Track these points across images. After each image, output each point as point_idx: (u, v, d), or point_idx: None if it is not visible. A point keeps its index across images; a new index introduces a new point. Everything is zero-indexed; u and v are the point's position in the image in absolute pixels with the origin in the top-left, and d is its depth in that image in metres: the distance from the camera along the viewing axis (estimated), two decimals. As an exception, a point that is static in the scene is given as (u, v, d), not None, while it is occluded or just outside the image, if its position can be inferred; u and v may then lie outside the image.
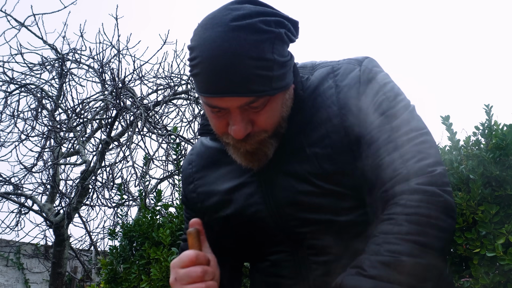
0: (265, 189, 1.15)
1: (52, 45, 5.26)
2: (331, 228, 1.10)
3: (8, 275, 6.88)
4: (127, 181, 5.25)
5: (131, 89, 5.05)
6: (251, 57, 1.00)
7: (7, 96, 5.29)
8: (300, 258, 1.14)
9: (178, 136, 4.84)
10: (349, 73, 1.14)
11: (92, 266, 5.95)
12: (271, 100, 1.06)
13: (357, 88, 1.12)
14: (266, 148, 1.11)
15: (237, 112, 1.05)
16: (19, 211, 5.48)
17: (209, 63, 1.01)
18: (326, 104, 1.13)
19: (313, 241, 1.12)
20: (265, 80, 1.02)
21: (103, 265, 2.78)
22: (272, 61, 1.02)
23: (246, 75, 1.00)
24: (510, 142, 1.94)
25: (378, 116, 1.09)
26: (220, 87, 1.01)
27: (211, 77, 1.01)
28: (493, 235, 1.83)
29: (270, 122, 1.09)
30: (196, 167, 1.30)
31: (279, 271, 1.17)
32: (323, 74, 1.17)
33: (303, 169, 1.11)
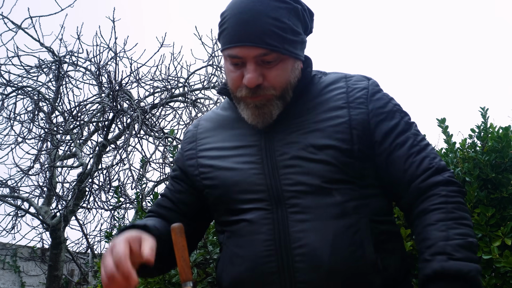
0: (265, 151, 1.29)
1: (49, 47, 5.26)
2: (317, 191, 1.22)
3: (4, 278, 6.86)
4: (124, 183, 5.25)
5: (128, 92, 5.04)
6: (270, 17, 1.23)
7: (4, 99, 5.29)
8: (280, 216, 1.22)
9: (175, 138, 4.84)
10: (360, 81, 1.34)
11: (89, 269, 5.94)
12: (282, 60, 1.25)
13: (366, 93, 1.32)
14: (271, 107, 1.28)
15: (252, 62, 1.24)
16: (16, 213, 5.46)
17: (235, 18, 1.25)
18: (336, 98, 1.31)
19: (297, 200, 1.22)
20: (279, 38, 1.23)
21: (99, 268, 2.77)
22: (287, 25, 1.25)
23: (264, 29, 1.22)
24: (505, 145, 1.94)
25: (397, 123, 1.30)
26: (241, 37, 1.23)
27: (235, 28, 1.24)
28: (489, 237, 1.83)
29: (279, 81, 1.27)
30: (202, 129, 1.44)
31: (256, 229, 1.24)
32: (337, 77, 1.37)
33: (303, 139, 1.26)
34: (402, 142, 1.28)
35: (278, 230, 1.21)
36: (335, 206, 1.21)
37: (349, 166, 1.24)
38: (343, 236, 1.19)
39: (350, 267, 1.18)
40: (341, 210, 1.21)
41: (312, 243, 1.18)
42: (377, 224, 1.24)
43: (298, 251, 1.18)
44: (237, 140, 1.34)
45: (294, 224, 1.21)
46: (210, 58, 5.18)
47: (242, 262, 1.24)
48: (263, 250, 1.21)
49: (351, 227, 1.20)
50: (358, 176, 1.26)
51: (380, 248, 1.22)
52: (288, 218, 1.22)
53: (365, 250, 1.19)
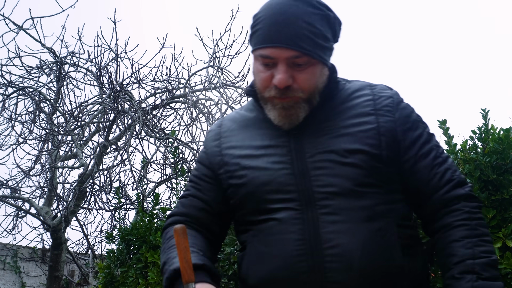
0: (295, 153, 1.31)
1: (50, 48, 5.26)
2: (348, 194, 1.24)
3: (5, 278, 6.86)
4: (124, 184, 5.25)
5: (129, 93, 5.05)
6: (304, 21, 1.27)
7: (5, 99, 5.29)
8: (310, 216, 1.24)
9: (176, 139, 4.84)
10: (385, 90, 1.38)
11: (89, 270, 5.94)
12: (312, 65, 1.29)
13: (392, 101, 1.35)
14: (298, 109, 1.30)
15: (283, 63, 1.27)
16: (17, 214, 5.46)
17: (269, 19, 1.28)
18: (363, 104, 1.34)
19: (328, 201, 1.24)
20: (311, 42, 1.27)
21: (100, 269, 2.78)
22: (319, 31, 1.28)
23: (298, 33, 1.26)
24: (506, 147, 1.94)
25: (421, 133, 1.34)
26: (275, 38, 1.26)
27: (270, 29, 1.28)
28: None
29: (308, 84, 1.29)
30: (226, 128, 1.45)
31: (287, 228, 1.25)
32: (362, 84, 1.40)
33: (332, 142, 1.29)
34: (426, 152, 1.32)
35: (308, 230, 1.23)
36: (365, 209, 1.24)
37: (378, 170, 1.27)
38: (373, 239, 1.21)
39: (380, 269, 1.20)
40: (371, 213, 1.24)
41: (343, 244, 1.20)
42: (403, 229, 1.27)
43: (329, 252, 1.20)
44: (265, 139, 1.36)
45: (325, 225, 1.23)
46: (211, 59, 5.18)
47: (271, 261, 1.26)
48: (294, 249, 1.23)
49: (380, 230, 1.23)
50: (386, 181, 1.29)
51: (406, 251, 1.25)
52: (319, 219, 1.24)
53: (393, 253, 1.22)
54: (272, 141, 1.35)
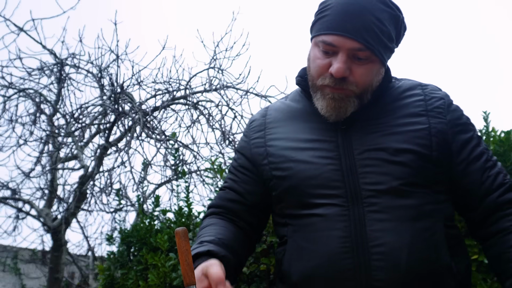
0: (343, 149, 1.29)
1: (51, 50, 5.26)
2: (395, 192, 1.23)
3: (5, 280, 6.86)
4: (125, 186, 5.24)
5: (129, 94, 5.04)
6: (374, 16, 1.26)
7: (6, 101, 5.28)
8: (356, 213, 1.23)
9: (176, 141, 4.84)
10: (436, 91, 1.37)
11: (90, 272, 5.93)
12: (371, 61, 1.29)
13: (443, 103, 1.34)
14: (348, 102, 1.29)
15: (345, 53, 1.26)
16: (17, 216, 5.45)
17: (340, 7, 1.27)
18: (414, 104, 1.33)
19: (375, 199, 1.23)
20: (376, 38, 1.26)
21: (100, 271, 2.77)
22: (386, 29, 1.29)
23: (366, 26, 1.25)
24: (507, 149, 1.94)
25: (472, 136, 1.34)
26: (342, 27, 1.26)
27: (338, 17, 1.27)
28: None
29: (364, 79, 1.29)
30: (271, 118, 1.43)
31: (332, 225, 1.24)
32: (413, 84, 1.40)
33: (382, 141, 1.28)
34: (478, 155, 1.31)
35: (354, 227, 1.22)
36: (413, 209, 1.23)
37: (426, 171, 1.27)
38: (420, 238, 1.20)
39: (427, 269, 1.19)
40: (418, 213, 1.22)
41: (390, 242, 1.19)
42: (449, 229, 1.27)
43: (375, 250, 1.19)
44: (312, 133, 1.34)
45: (371, 223, 1.22)
46: (211, 61, 5.18)
47: (315, 258, 1.24)
48: (339, 246, 1.22)
49: (427, 230, 1.22)
50: (433, 181, 1.28)
51: (453, 252, 1.24)
52: (365, 216, 1.22)
53: (440, 253, 1.21)
54: (320, 135, 1.33)
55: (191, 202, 2.70)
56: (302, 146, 1.33)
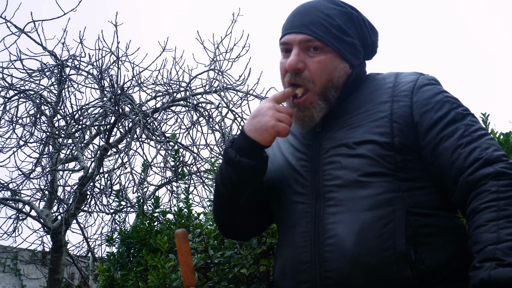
0: (315, 150, 1.34)
1: (52, 51, 5.27)
2: (352, 185, 1.25)
3: (5, 281, 6.86)
4: (125, 187, 5.25)
5: (130, 96, 5.05)
6: (322, 12, 1.33)
7: (6, 102, 5.29)
8: (317, 209, 1.27)
9: (176, 142, 4.85)
10: (408, 76, 1.34)
11: (89, 273, 5.93)
12: (325, 53, 1.32)
13: (412, 86, 1.30)
14: (313, 109, 1.33)
15: (297, 47, 1.33)
16: (17, 217, 5.46)
17: (292, 12, 1.40)
18: (382, 93, 1.32)
19: (333, 194, 1.26)
20: (325, 29, 1.32)
21: (100, 272, 2.78)
22: (336, 22, 1.33)
23: (313, 20, 1.32)
24: (507, 151, 1.95)
25: (445, 114, 1.25)
26: (292, 25, 1.36)
27: (289, 19, 1.38)
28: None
29: (319, 74, 1.32)
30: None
31: (297, 222, 1.30)
32: (390, 74, 1.39)
33: (345, 136, 1.30)
34: (450, 133, 1.23)
35: (314, 222, 1.27)
36: (368, 198, 1.23)
37: (388, 159, 1.25)
38: (371, 227, 1.20)
39: (376, 257, 1.19)
40: (373, 202, 1.22)
41: (340, 233, 1.22)
42: (419, 217, 1.22)
43: (327, 242, 1.23)
44: (300, 138, 1.41)
45: (327, 217, 1.25)
46: (211, 62, 5.19)
47: (284, 253, 1.33)
48: (300, 241, 1.28)
49: (381, 218, 1.21)
50: (399, 169, 1.24)
51: (419, 240, 1.20)
52: (324, 211, 1.26)
53: (395, 241, 1.18)
54: (302, 139, 1.40)
55: (191, 204, 2.71)
56: (284, 152, 1.42)
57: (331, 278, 1.21)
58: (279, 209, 1.40)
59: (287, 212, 1.35)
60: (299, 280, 1.26)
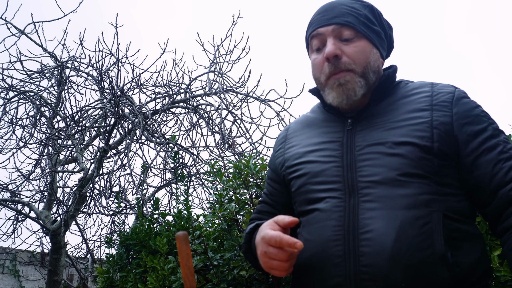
0: (346, 147, 1.35)
1: (52, 52, 5.28)
2: (390, 182, 1.26)
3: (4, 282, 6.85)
4: (124, 189, 5.25)
5: (129, 97, 5.05)
6: (346, 5, 1.42)
7: (6, 103, 5.29)
8: (352, 204, 1.27)
9: (176, 144, 4.85)
10: (446, 87, 1.38)
11: (89, 274, 5.93)
12: (359, 39, 1.39)
13: (452, 96, 1.34)
14: (355, 83, 1.37)
15: (331, 37, 1.39)
16: (16, 218, 5.46)
17: (317, 11, 1.46)
18: (420, 100, 1.35)
19: (370, 190, 1.27)
20: (354, 18, 1.39)
21: (99, 273, 2.78)
22: (362, 12, 1.41)
23: (341, 12, 1.40)
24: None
25: (486, 127, 1.30)
26: (321, 21, 1.42)
27: (316, 17, 1.44)
28: (490, 246, 1.83)
29: (357, 56, 1.37)
30: (292, 130, 1.56)
31: (328, 216, 1.29)
32: (424, 83, 1.42)
33: (382, 136, 1.32)
34: (491, 147, 1.27)
35: (348, 217, 1.26)
36: (407, 197, 1.23)
37: (427, 162, 1.26)
38: (410, 226, 1.20)
39: (415, 255, 1.18)
40: (412, 202, 1.23)
41: (378, 229, 1.21)
42: (453, 222, 1.24)
43: (364, 236, 1.22)
44: (322, 137, 1.43)
45: (364, 212, 1.25)
46: (211, 64, 5.19)
47: (311, 247, 1.30)
48: (332, 235, 1.26)
49: (420, 218, 1.21)
50: (436, 172, 1.26)
51: (453, 244, 1.22)
52: (359, 206, 1.26)
53: (434, 242, 1.19)
54: (328, 137, 1.41)
55: (190, 205, 2.71)
56: (312, 149, 1.42)
57: (367, 273, 1.19)
58: (304, 205, 1.38)
59: (316, 210, 1.33)
60: (330, 274, 1.24)
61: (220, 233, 2.39)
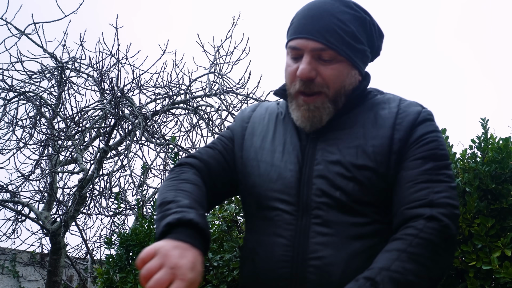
0: (307, 157, 1.29)
1: (52, 53, 5.28)
2: (342, 208, 1.22)
3: (3, 283, 6.85)
4: (124, 190, 5.25)
5: (130, 98, 5.06)
6: (336, 18, 1.27)
7: (6, 104, 5.30)
8: (303, 224, 1.23)
9: (176, 145, 4.85)
10: (413, 106, 1.32)
11: (88, 275, 5.93)
12: (338, 62, 1.27)
13: (415, 118, 1.28)
14: (323, 110, 1.28)
15: (308, 55, 1.26)
16: (16, 218, 5.46)
17: (302, 13, 1.31)
18: (386, 116, 1.29)
19: (321, 212, 1.22)
20: (339, 38, 1.26)
21: (99, 274, 2.77)
22: (350, 29, 1.28)
23: (326, 26, 1.26)
24: (506, 156, 1.95)
25: (427, 150, 1.24)
26: (303, 30, 1.28)
27: (300, 22, 1.30)
28: (489, 248, 1.83)
29: (333, 80, 1.27)
30: (258, 114, 1.46)
31: (280, 232, 1.25)
32: (393, 98, 1.35)
33: (342, 153, 1.26)
34: (416, 165, 1.23)
35: (298, 237, 1.22)
36: (357, 226, 1.21)
37: (380, 190, 1.23)
38: (357, 258, 1.19)
39: None
40: (362, 231, 1.21)
41: (327, 257, 1.19)
42: None
43: (312, 263, 1.19)
44: (287, 137, 1.35)
45: (314, 235, 1.21)
46: (211, 65, 5.20)
47: (260, 262, 1.27)
48: (281, 254, 1.23)
49: (367, 249, 1.20)
50: (386, 201, 1.24)
51: None
52: (310, 228, 1.22)
53: None
54: (293, 141, 1.33)
55: (190, 207, 2.70)
56: (272, 149, 1.34)
57: None
58: (254, 208, 1.33)
59: (268, 218, 1.28)
60: None
61: (219, 234, 2.39)
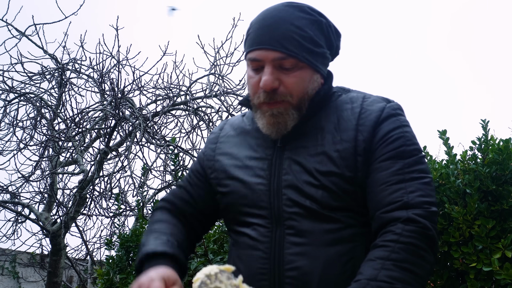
0: (274, 168, 1.28)
1: (52, 54, 5.28)
2: (314, 216, 1.21)
3: (3, 284, 6.84)
4: (124, 191, 5.25)
5: (130, 99, 5.06)
6: (292, 24, 1.25)
7: (6, 105, 5.30)
8: (278, 235, 1.23)
9: (176, 146, 4.85)
10: (376, 103, 1.29)
11: (88, 276, 5.92)
12: (300, 68, 1.26)
13: (378, 116, 1.26)
14: (287, 116, 1.27)
15: (270, 65, 1.25)
16: (16, 219, 5.46)
17: (258, 23, 1.28)
18: (348, 118, 1.27)
19: (294, 222, 1.22)
20: (298, 44, 1.24)
21: (99, 275, 2.77)
22: (308, 34, 1.26)
23: (284, 35, 1.24)
24: (506, 157, 1.95)
25: (394, 148, 1.23)
26: (261, 40, 1.25)
27: (257, 32, 1.27)
28: (490, 249, 1.83)
29: (296, 88, 1.26)
30: (224, 133, 1.45)
31: (256, 245, 1.26)
32: (356, 96, 1.33)
33: (308, 161, 1.24)
34: (386, 166, 1.22)
35: (274, 249, 1.23)
36: (331, 233, 1.21)
37: (351, 194, 1.22)
38: (334, 264, 1.19)
39: None
40: (336, 237, 1.21)
41: (303, 267, 1.19)
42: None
43: (289, 274, 1.20)
44: (253, 150, 1.35)
45: (289, 246, 1.22)
46: (212, 67, 5.20)
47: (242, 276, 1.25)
48: (259, 267, 1.24)
49: (344, 255, 1.20)
50: (359, 204, 1.24)
51: None
52: (284, 239, 1.23)
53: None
54: (259, 152, 1.33)
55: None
56: (241, 164, 1.34)
57: None
58: (233, 225, 1.35)
59: (245, 233, 1.29)
60: None
61: (220, 235, 2.39)
